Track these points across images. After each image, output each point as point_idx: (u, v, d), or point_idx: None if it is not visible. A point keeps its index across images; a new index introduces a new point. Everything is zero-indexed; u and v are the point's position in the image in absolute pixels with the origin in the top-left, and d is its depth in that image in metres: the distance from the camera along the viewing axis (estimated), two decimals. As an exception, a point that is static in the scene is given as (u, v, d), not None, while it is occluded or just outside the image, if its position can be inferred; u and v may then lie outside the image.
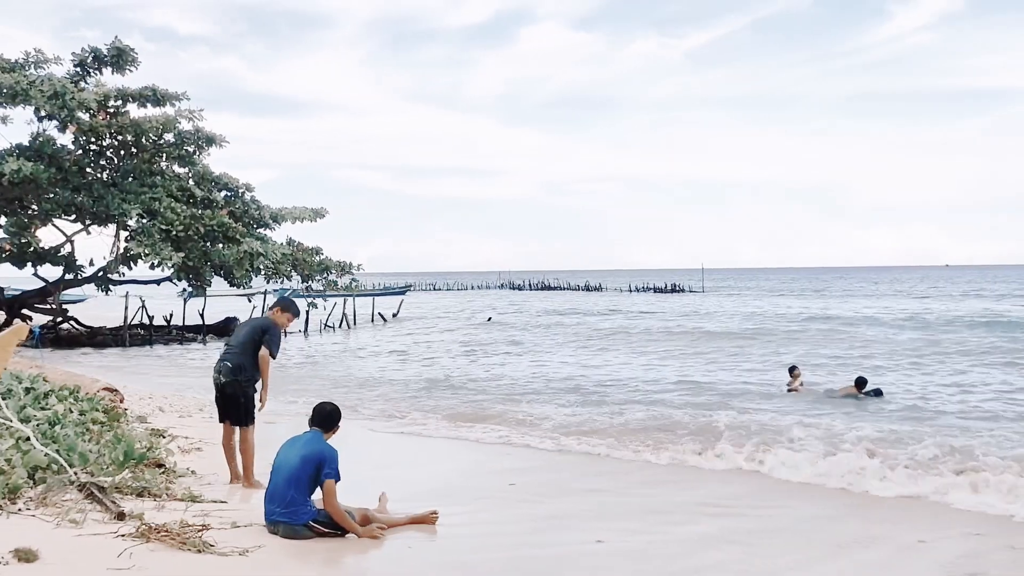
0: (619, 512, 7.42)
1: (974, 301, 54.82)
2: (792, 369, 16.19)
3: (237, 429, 7.60)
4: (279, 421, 11.20)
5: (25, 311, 30.57)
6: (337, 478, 5.89)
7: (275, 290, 37.12)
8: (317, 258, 33.16)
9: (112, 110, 29.38)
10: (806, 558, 6.08)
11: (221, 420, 7.71)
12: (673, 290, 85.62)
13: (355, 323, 40.76)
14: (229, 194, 32.55)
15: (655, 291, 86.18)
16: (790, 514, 7.43)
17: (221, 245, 29.86)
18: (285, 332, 10.44)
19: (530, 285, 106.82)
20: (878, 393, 14.46)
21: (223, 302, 38.48)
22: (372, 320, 43.28)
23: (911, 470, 8.89)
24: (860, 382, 14.49)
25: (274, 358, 7.50)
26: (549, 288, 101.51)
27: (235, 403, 7.52)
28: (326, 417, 6.28)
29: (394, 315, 45.29)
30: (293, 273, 32.66)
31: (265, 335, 7.47)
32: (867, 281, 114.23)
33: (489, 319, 38.54)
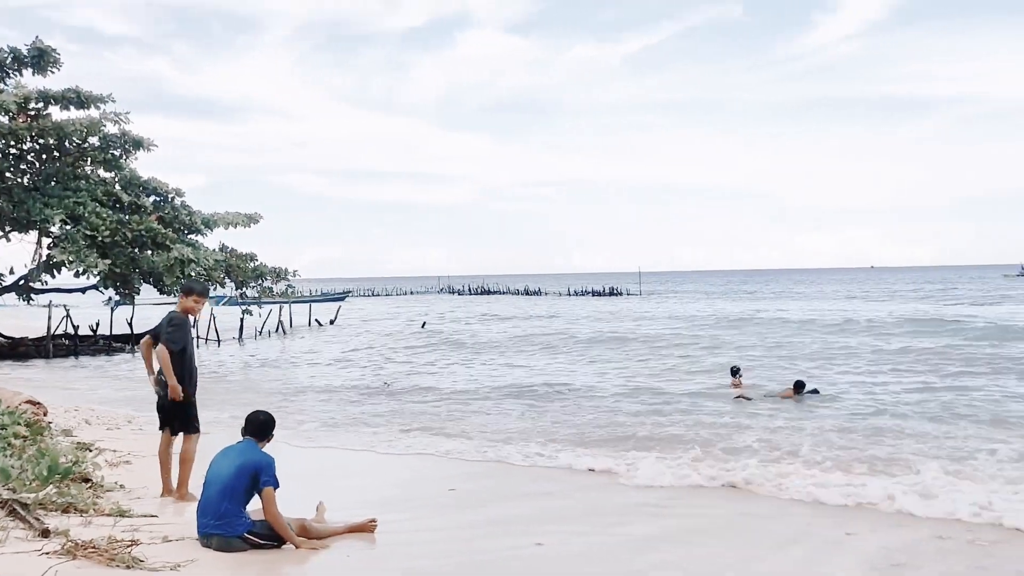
0: (560, 515, 7.46)
1: (901, 303, 56.89)
2: (735, 371, 16.57)
3: (177, 438, 7.39)
4: (213, 431, 10.93)
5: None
6: (276, 485, 5.78)
7: (209, 298, 36.16)
8: (251, 264, 32.51)
9: (33, 112, 28.22)
10: (744, 556, 6.23)
11: (161, 428, 7.49)
12: (611, 294, 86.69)
13: (291, 329, 40.07)
14: (158, 199, 31.64)
15: (594, 295, 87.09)
16: (728, 514, 7.58)
17: (150, 251, 28.99)
18: (196, 318, 10.14)
19: (469, 290, 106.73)
20: (815, 392, 14.93)
21: (153, 310, 37.39)
22: (309, 326, 42.64)
23: (840, 470, 9.22)
24: (798, 385, 14.90)
25: (172, 351, 7.14)
26: (488, 292, 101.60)
27: (178, 409, 7.31)
28: (260, 426, 6.15)
29: (331, 321, 44.71)
30: (227, 280, 31.93)
31: (169, 327, 7.27)
32: (799, 283, 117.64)
33: (423, 325, 38.30)
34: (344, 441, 11.77)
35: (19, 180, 29.35)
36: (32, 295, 29.99)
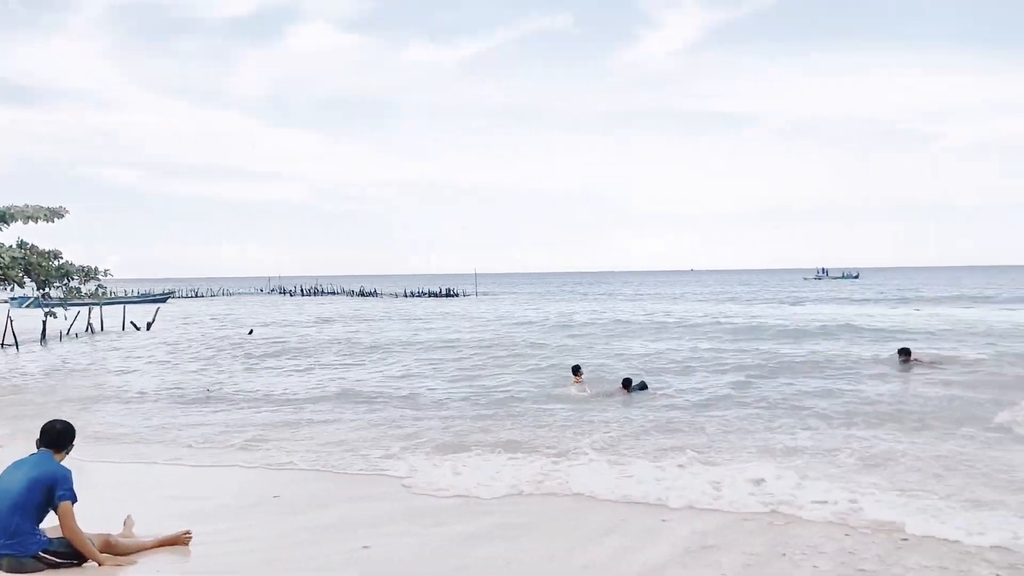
0: (388, 518, 7.38)
1: (714, 305, 61.01)
2: (576, 369, 17.11)
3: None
4: (6, 444, 9.92)
5: None
6: (73, 499, 5.33)
7: (9, 298, 32.85)
8: (56, 262, 29.84)
9: None
10: (565, 547, 6.45)
11: None
12: (448, 295, 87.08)
13: (102, 333, 37.09)
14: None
15: (430, 295, 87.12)
16: (551, 510, 7.79)
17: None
18: None
19: (302, 291, 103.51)
20: (643, 387, 15.72)
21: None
22: (123, 329, 39.65)
23: (656, 461, 9.77)
24: (626, 382, 15.64)
25: None
26: (322, 293, 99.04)
27: None
28: (57, 436, 5.65)
29: (149, 325, 41.81)
30: (26, 279, 29.07)
31: None
32: (627, 284, 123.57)
33: (251, 332, 36.60)
34: (156, 453, 10.99)
35: None
36: None
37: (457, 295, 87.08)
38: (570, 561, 6.13)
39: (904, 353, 19.01)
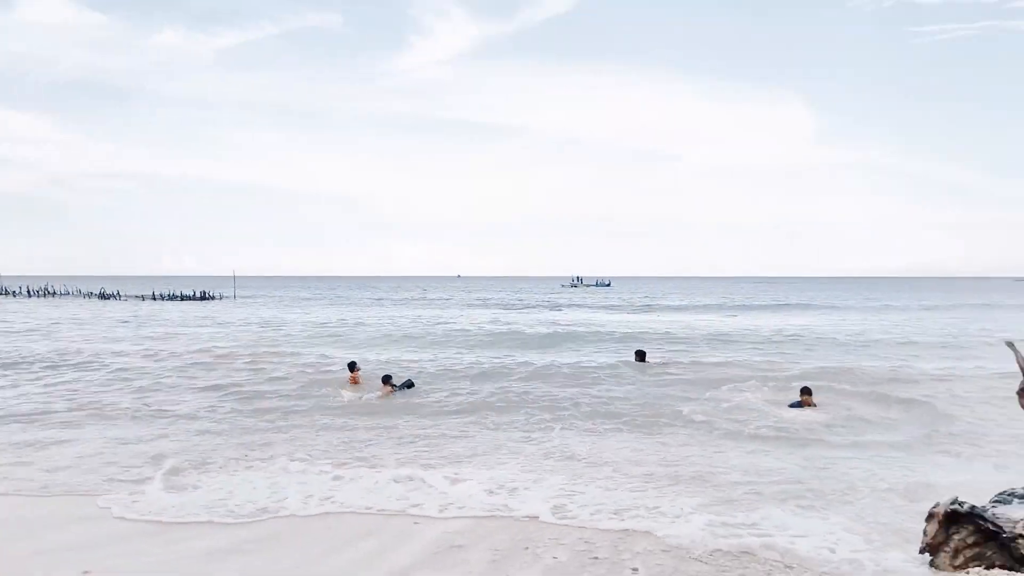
0: (115, 537, 6.82)
1: (483, 309, 62.74)
2: (352, 365, 17.10)
3: None
4: None
5: None
6: None
7: None
8: None
9: None
10: (321, 552, 6.37)
11: None
12: (203, 298, 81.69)
13: None
14: None
15: (182, 299, 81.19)
16: (300, 524, 7.61)
17: None
18: None
19: (28, 292, 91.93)
20: (410, 385, 16.01)
21: None
22: None
23: (408, 466, 9.88)
24: (385, 379, 15.85)
25: None
26: (53, 295, 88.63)
27: None
28: None
29: None
30: None
31: None
32: (396, 288, 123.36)
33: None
34: None
35: None
36: None
37: (213, 298, 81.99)
38: (323, 562, 6.05)
39: (639, 355, 20.94)
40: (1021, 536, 6.07)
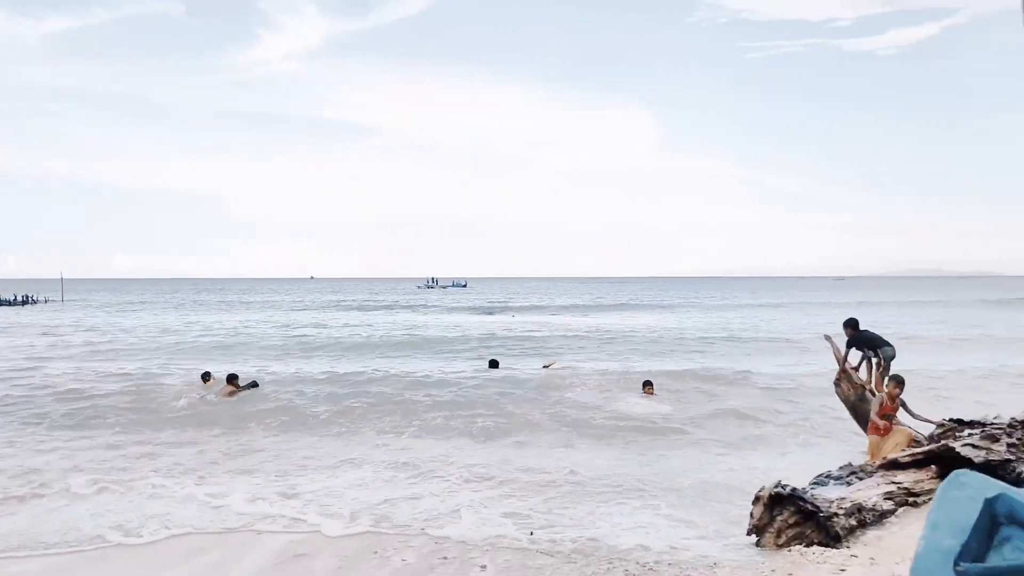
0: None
1: (337, 312, 61.30)
2: (205, 376, 16.25)
3: None
4: None
5: None
6: None
7: None
8: None
9: None
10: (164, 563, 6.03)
11: None
12: (24, 302, 74.89)
13: None
14: None
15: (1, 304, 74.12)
16: (121, 547, 7.13)
17: None
18: None
19: None
20: (255, 385, 15.59)
21: None
22: None
23: (247, 482, 9.49)
24: (230, 377, 15.42)
25: None
26: None
27: None
28: None
29: None
30: None
31: None
32: (246, 291, 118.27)
33: None
34: None
35: None
36: None
37: (37, 302, 75.37)
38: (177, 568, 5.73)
39: (492, 363, 20.91)
40: (836, 515, 6.62)
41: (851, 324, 11.32)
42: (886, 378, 11.18)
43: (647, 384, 14.59)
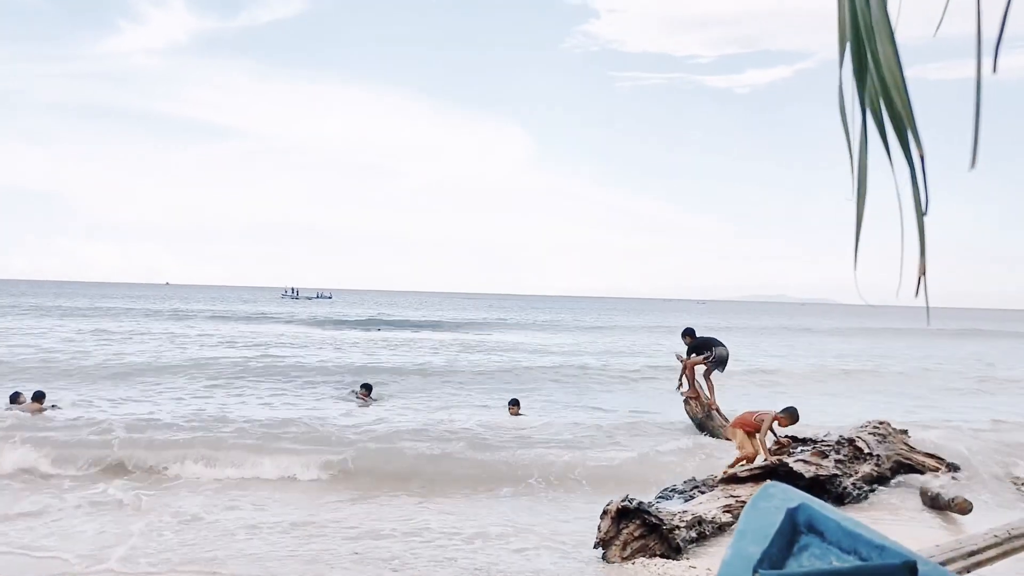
0: None
1: (196, 321, 58.24)
2: (35, 396, 13.85)
3: None
4: None
5: None
6: None
7: None
8: None
9: None
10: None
11: None
12: None
13: None
14: None
15: None
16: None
17: None
18: None
19: None
20: (54, 408, 13.58)
21: None
22: None
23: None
24: (37, 395, 13.57)
25: None
26: None
27: None
28: None
29: None
30: None
31: None
32: (85, 296, 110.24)
33: None
34: None
35: None
36: None
37: None
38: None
39: (365, 388, 19.86)
40: (678, 527, 6.95)
41: (689, 333, 13.20)
42: (714, 371, 12.54)
43: (513, 403, 14.73)
